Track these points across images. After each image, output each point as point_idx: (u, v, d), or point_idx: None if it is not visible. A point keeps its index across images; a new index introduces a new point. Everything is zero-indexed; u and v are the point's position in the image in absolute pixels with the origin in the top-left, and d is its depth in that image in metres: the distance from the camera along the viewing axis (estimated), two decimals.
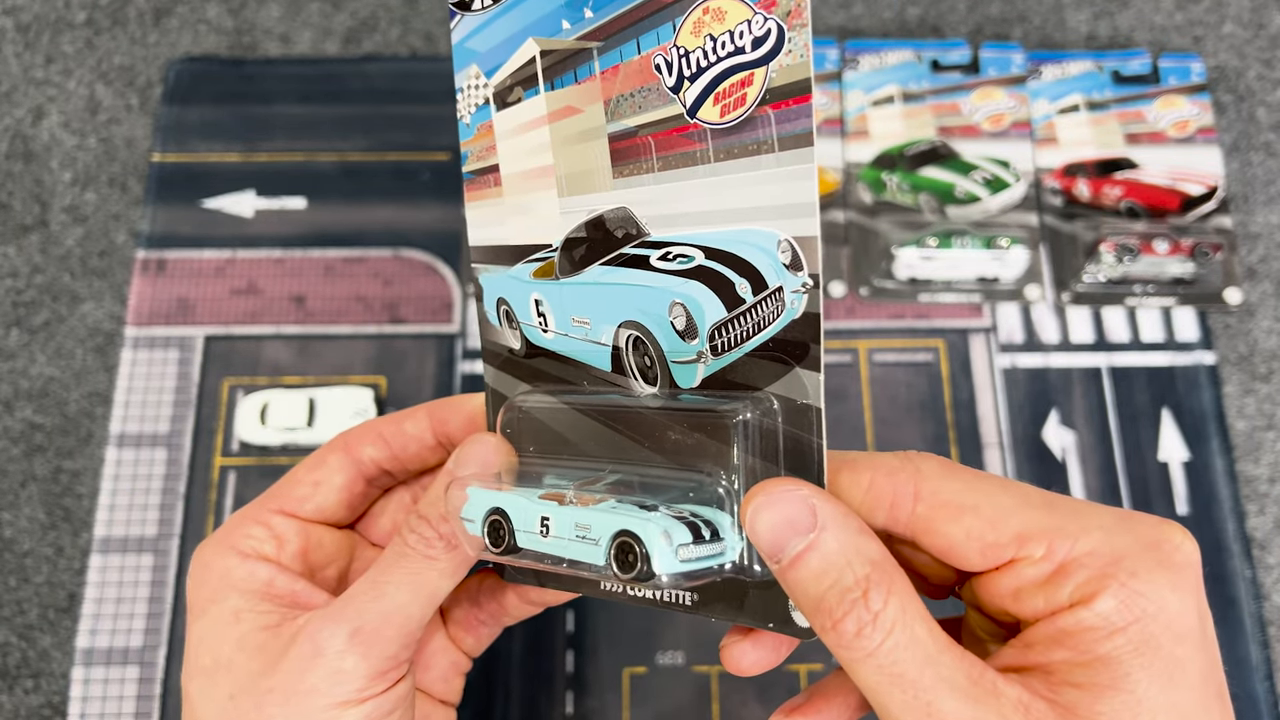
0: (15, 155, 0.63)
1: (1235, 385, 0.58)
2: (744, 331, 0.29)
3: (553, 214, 0.31)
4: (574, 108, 0.30)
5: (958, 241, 0.59)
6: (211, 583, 0.33)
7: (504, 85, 0.31)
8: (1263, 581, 0.54)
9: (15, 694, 0.52)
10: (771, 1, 0.26)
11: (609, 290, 0.30)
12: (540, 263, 0.32)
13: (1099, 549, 0.24)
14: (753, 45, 0.26)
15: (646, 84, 0.28)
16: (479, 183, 0.32)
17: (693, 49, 0.27)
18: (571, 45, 0.29)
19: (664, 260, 0.29)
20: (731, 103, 0.27)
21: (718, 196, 0.28)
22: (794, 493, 0.26)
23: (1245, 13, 0.68)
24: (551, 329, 0.32)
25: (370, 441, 0.35)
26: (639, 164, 0.29)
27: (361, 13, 0.67)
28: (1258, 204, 0.63)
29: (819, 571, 0.25)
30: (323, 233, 0.61)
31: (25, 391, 0.58)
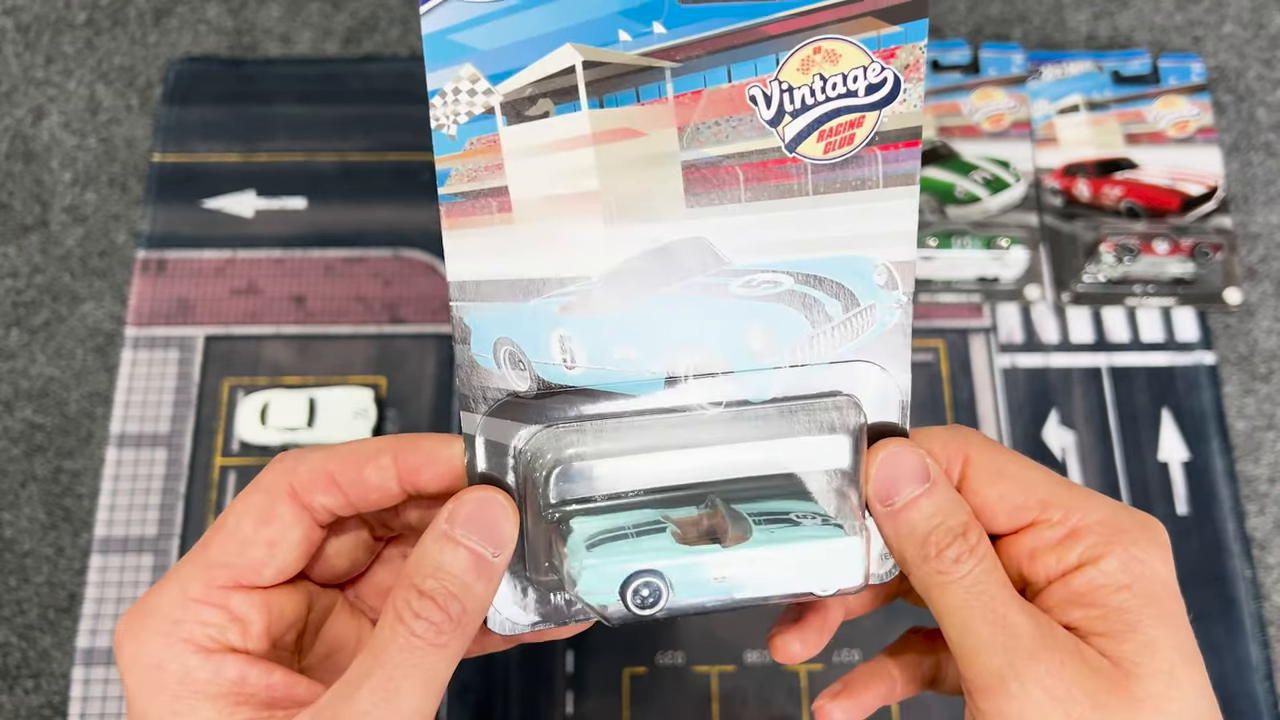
0: (15, 155, 0.63)
1: (1235, 385, 0.58)
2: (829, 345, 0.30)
3: (593, 244, 0.28)
4: (634, 130, 0.28)
5: (957, 241, 0.59)
6: (169, 688, 0.27)
7: (522, 95, 0.27)
8: (1263, 581, 0.54)
9: (15, 694, 0.53)
10: (890, 53, 0.27)
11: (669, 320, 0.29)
12: (571, 296, 0.29)
13: (1106, 521, 0.29)
14: (867, 90, 0.27)
15: (737, 114, 0.27)
16: (470, 208, 0.28)
17: (798, 85, 0.27)
18: (634, 61, 0.27)
19: (746, 287, 0.29)
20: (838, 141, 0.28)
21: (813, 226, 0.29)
22: (914, 450, 0.30)
23: (1245, 13, 0.68)
24: (581, 365, 0.29)
25: (322, 489, 0.30)
26: (722, 194, 0.28)
27: (361, 13, 0.67)
28: (1258, 204, 0.63)
29: (930, 513, 0.29)
30: (323, 233, 0.61)
31: (25, 391, 0.58)
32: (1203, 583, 0.54)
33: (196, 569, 0.29)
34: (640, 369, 0.29)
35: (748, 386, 0.30)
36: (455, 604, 0.27)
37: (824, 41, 0.27)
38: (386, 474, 0.30)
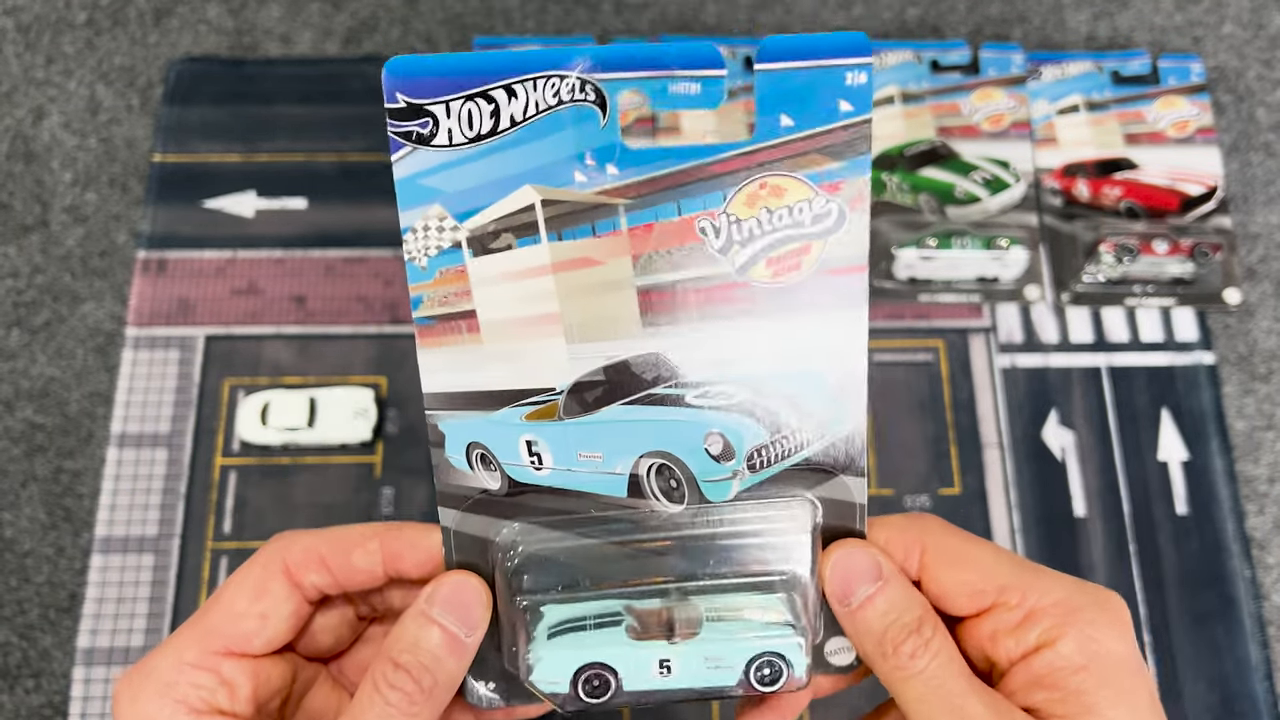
0: (16, 155, 0.64)
1: (1235, 385, 0.58)
2: (784, 450, 0.32)
3: (556, 360, 0.31)
4: (591, 259, 0.30)
5: (957, 242, 0.60)
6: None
7: (487, 231, 0.30)
8: (1262, 581, 0.54)
9: (16, 694, 0.53)
10: (835, 186, 0.29)
11: (631, 426, 0.31)
12: (536, 406, 0.32)
13: (1061, 601, 0.30)
14: (812, 220, 0.29)
15: (688, 243, 0.30)
16: (442, 329, 0.31)
17: (745, 218, 0.29)
18: (590, 199, 0.29)
19: (701, 398, 0.31)
20: (786, 267, 0.30)
21: (765, 342, 0.31)
22: (866, 550, 0.32)
23: (1245, 13, 0.68)
24: (548, 466, 0.32)
25: (314, 569, 0.32)
26: (675, 315, 0.30)
27: (362, 13, 0.67)
28: (1257, 204, 0.63)
29: (884, 610, 0.31)
30: (323, 233, 0.61)
31: (26, 392, 0.58)
32: (1202, 583, 0.54)
33: (193, 636, 0.31)
34: (604, 470, 0.32)
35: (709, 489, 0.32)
36: (428, 677, 0.30)
37: (769, 178, 0.29)
38: (373, 559, 0.33)
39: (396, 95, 0.29)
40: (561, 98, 0.29)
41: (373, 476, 0.56)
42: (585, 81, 0.29)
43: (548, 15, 0.67)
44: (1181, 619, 0.53)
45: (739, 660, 0.31)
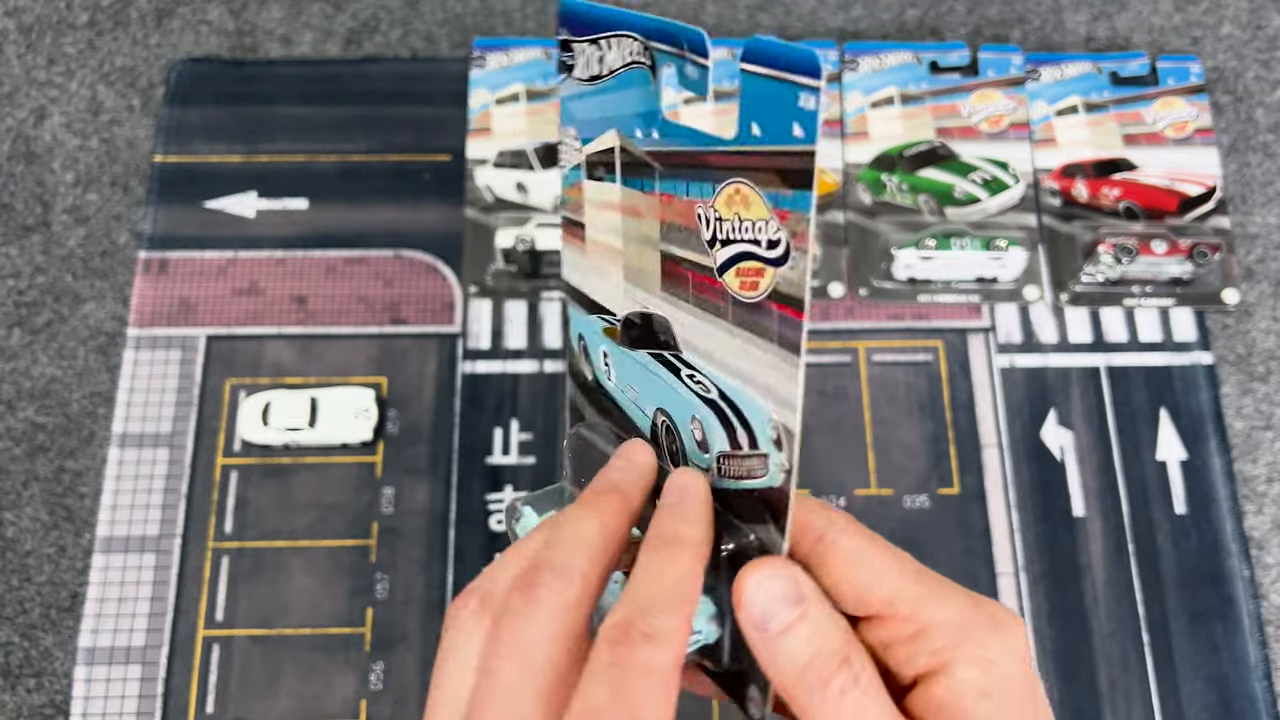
0: (17, 156, 0.64)
1: (1233, 385, 0.59)
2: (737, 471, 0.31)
3: (618, 290, 0.34)
4: (639, 211, 0.32)
5: (956, 242, 0.60)
6: None
7: (593, 160, 0.33)
8: (1260, 581, 0.55)
9: (18, 693, 0.53)
10: (785, 214, 0.27)
11: (652, 377, 0.33)
12: (607, 324, 0.35)
13: (953, 620, 0.29)
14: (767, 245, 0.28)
15: (689, 225, 0.30)
16: (571, 230, 0.35)
17: (726, 218, 0.29)
18: (640, 155, 0.31)
19: (690, 380, 0.32)
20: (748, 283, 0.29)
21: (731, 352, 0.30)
22: (785, 570, 0.29)
23: (1243, 14, 0.68)
24: (614, 379, 0.35)
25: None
26: (679, 291, 0.32)
27: (362, 14, 0.67)
28: (1256, 205, 0.63)
29: (808, 638, 0.28)
30: (324, 233, 0.62)
31: (27, 392, 0.58)
32: (1201, 582, 0.54)
33: None
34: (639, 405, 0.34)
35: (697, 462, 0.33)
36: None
37: (742, 185, 0.28)
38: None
39: (561, 29, 0.33)
40: (630, 58, 0.31)
41: (374, 476, 0.56)
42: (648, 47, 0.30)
43: (548, 16, 0.67)
44: (1180, 618, 0.53)
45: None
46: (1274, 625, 0.54)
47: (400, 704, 0.52)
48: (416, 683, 0.52)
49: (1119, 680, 0.52)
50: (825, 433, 0.57)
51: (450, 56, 0.66)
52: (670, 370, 0.32)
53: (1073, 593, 0.54)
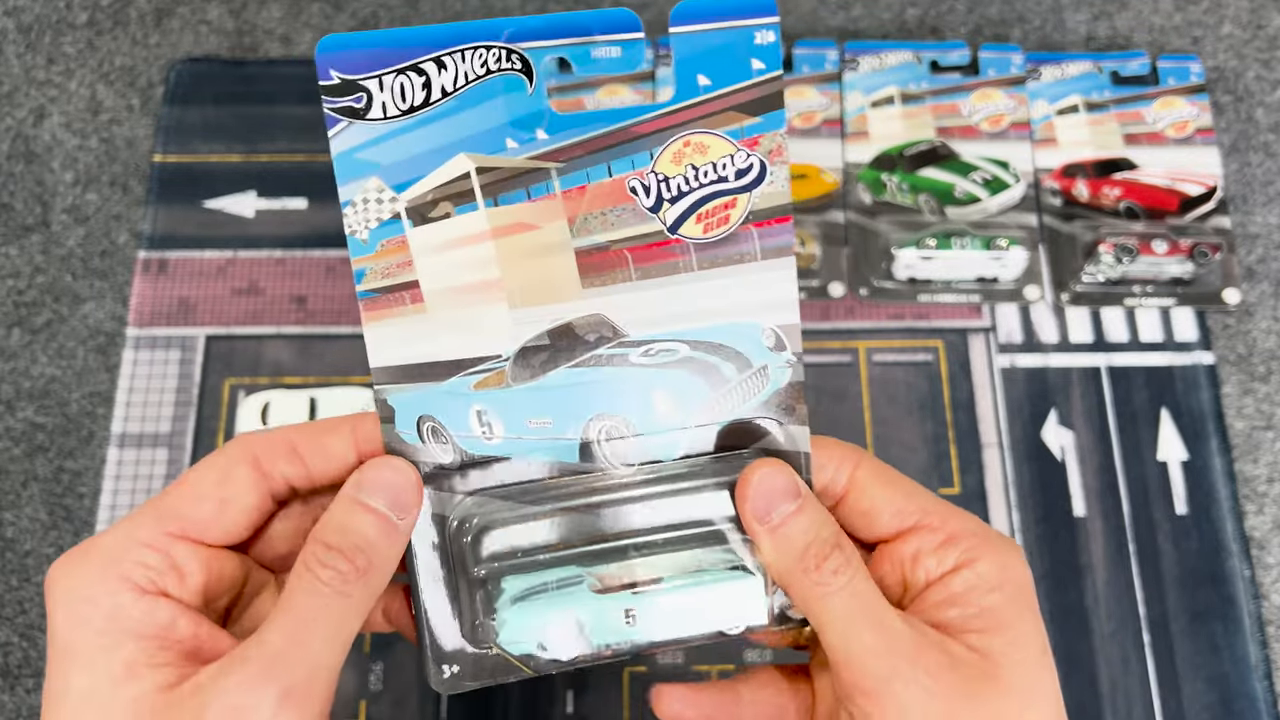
0: (17, 156, 0.64)
1: (1234, 385, 0.59)
2: (729, 406, 0.33)
3: (500, 326, 0.31)
4: (527, 224, 0.31)
5: (957, 242, 0.60)
6: (96, 622, 0.28)
7: (425, 200, 0.30)
8: (1261, 581, 0.55)
9: (17, 693, 0.53)
10: (754, 141, 0.30)
11: (578, 389, 0.32)
12: (484, 374, 0.32)
13: (975, 532, 0.32)
14: (736, 175, 0.31)
15: (620, 204, 0.31)
16: (385, 301, 0.31)
17: (673, 175, 0.31)
18: (523, 164, 0.30)
19: (645, 356, 0.32)
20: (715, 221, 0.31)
21: (701, 298, 0.32)
22: (784, 468, 0.32)
23: (1244, 14, 0.68)
24: (499, 435, 0.32)
25: (284, 458, 0.31)
26: (614, 274, 0.31)
27: (362, 14, 0.67)
28: (1256, 204, 0.63)
29: (805, 527, 0.31)
30: (324, 233, 0.62)
31: (27, 392, 0.58)
32: (1201, 582, 0.54)
33: (148, 515, 0.30)
34: (555, 435, 0.32)
35: (657, 447, 0.33)
36: (361, 557, 0.29)
37: (693, 135, 0.30)
38: (345, 442, 0.32)
39: (330, 72, 0.30)
40: (490, 67, 0.29)
41: None
42: (511, 51, 0.29)
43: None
44: (1180, 618, 0.53)
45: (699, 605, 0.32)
46: (1274, 625, 0.54)
47: (400, 704, 0.52)
48: (416, 683, 0.52)
49: (1119, 680, 0.52)
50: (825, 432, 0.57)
51: None
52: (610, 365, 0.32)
53: (1073, 593, 0.54)
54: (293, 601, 0.28)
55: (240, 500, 0.31)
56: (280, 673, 0.27)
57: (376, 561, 0.29)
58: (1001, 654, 0.30)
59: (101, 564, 0.28)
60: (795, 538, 0.31)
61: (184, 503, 0.30)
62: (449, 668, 0.33)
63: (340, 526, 0.29)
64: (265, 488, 0.31)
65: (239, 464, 0.31)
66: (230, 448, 0.31)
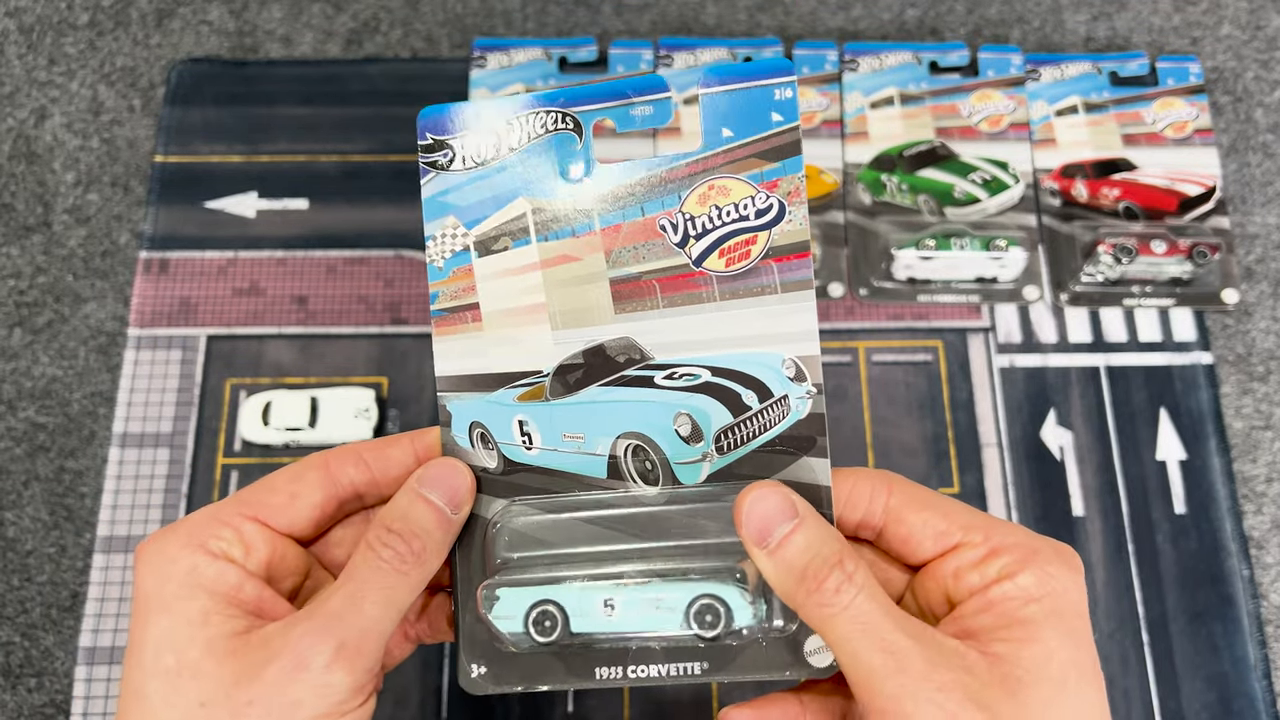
0: (18, 156, 0.64)
1: (1232, 385, 0.59)
2: (749, 433, 0.35)
3: (543, 345, 0.36)
4: (571, 256, 0.35)
5: (956, 242, 0.60)
6: (176, 578, 0.32)
7: (489, 235, 0.36)
8: (1260, 580, 0.55)
9: (18, 693, 0.53)
10: (774, 184, 0.34)
11: (608, 407, 0.35)
12: (526, 388, 0.36)
13: (1022, 543, 0.32)
14: (756, 214, 0.34)
15: (651, 239, 0.35)
16: (452, 319, 0.36)
17: (698, 215, 0.34)
18: (569, 206, 0.35)
19: (669, 379, 0.35)
20: (736, 256, 0.34)
21: (724, 327, 0.35)
22: (779, 489, 0.32)
23: (1243, 14, 0.68)
24: (537, 446, 0.36)
25: (351, 464, 0.35)
26: (643, 302, 0.35)
27: (363, 14, 0.68)
28: (1255, 205, 0.63)
29: (804, 546, 0.31)
30: (324, 233, 0.62)
31: (28, 391, 0.58)
32: (1200, 582, 0.54)
33: (229, 501, 0.34)
34: (586, 450, 0.35)
35: (680, 469, 0.35)
36: (417, 542, 0.33)
37: (716, 180, 0.34)
38: (405, 450, 0.36)
39: (426, 134, 0.36)
40: (548, 127, 0.35)
41: None
42: (565, 114, 0.35)
43: (548, 16, 0.67)
44: (1179, 617, 0.54)
45: (680, 602, 0.33)
46: (1273, 625, 0.54)
47: (400, 704, 0.52)
48: (416, 683, 0.52)
49: (1119, 680, 0.53)
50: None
51: (450, 57, 0.66)
52: (637, 386, 0.35)
53: None
54: (354, 573, 0.32)
55: (307, 496, 0.35)
56: (337, 630, 0.31)
57: (430, 547, 0.33)
58: (1030, 667, 0.29)
59: (184, 535, 0.33)
60: (794, 558, 0.31)
61: (259, 493, 0.35)
62: (478, 667, 0.35)
63: (402, 514, 0.33)
64: (331, 489, 0.35)
65: (311, 467, 0.35)
66: (307, 457, 0.36)
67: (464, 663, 0.35)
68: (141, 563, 0.33)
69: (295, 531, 0.35)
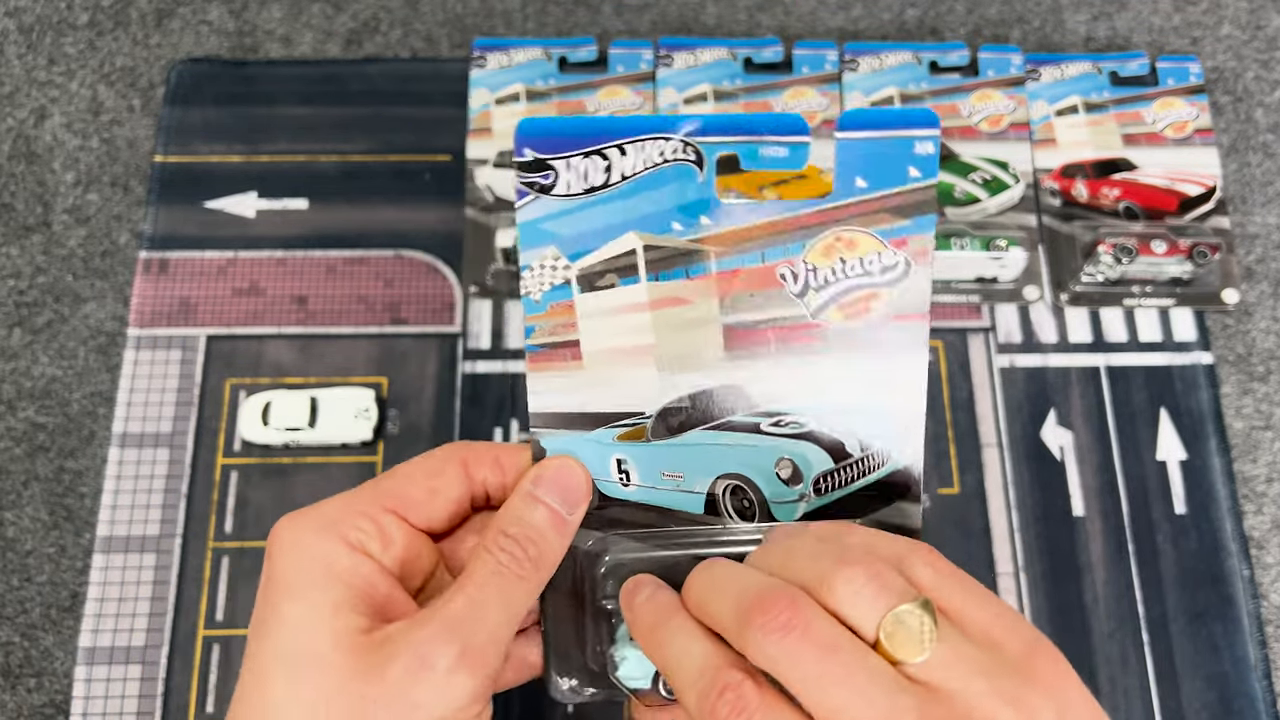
0: (18, 156, 0.64)
1: (1233, 385, 0.59)
2: (848, 478, 0.34)
3: (648, 388, 0.35)
4: (682, 299, 0.34)
5: (956, 242, 0.60)
6: (311, 566, 0.32)
7: (594, 270, 0.34)
8: (1260, 580, 0.55)
9: (18, 693, 0.53)
10: (903, 241, 0.33)
11: (710, 450, 0.35)
12: (628, 428, 0.35)
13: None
14: (881, 271, 0.33)
15: (769, 288, 0.34)
16: (549, 355, 0.35)
17: (822, 265, 0.33)
18: (685, 246, 0.33)
19: (775, 426, 0.34)
20: (856, 311, 0.33)
21: (836, 379, 0.34)
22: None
23: (1243, 14, 0.68)
24: (634, 482, 0.35)
25: (488, 465, 0.35)
26: (755, 350, 0.34)
27: (363, 14, 0.68)
28: (1255, 205, 0.63)
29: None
30: (324, 233, 0.62)
31: (28, 392, 0.58)
32: (1200, 582, 0.54)
33: (367, 490, 0.34)
34: (684, 488, 0.35)
35: (778, 509, 0.35)
36: (534, 548, 0.33)
37: (844, 231, 0.33)
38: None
39: (525, 150, 0.33)
40: (666, 156, 0.33)
41: (374, 476, 0.56)
42: (688, 144, 0.32)
43: (548, 16, 0.67)
44: (1180, 618, 0.54)
45: None
46: (1274, 625, 0.54)
47: None
48: None
49: (1119, 680, 0.52)
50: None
51: (450, 56, 0.66)
52: (742, 431, 0.35)
53: (1072, 592, 0.54)
54: (474, 577, 0.32)
55: (446, 492, 0.34)
56: (461, 634, 0.31)
57: (546, 551, 0.33)
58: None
59: (321, 523, 0.32)
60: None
61: (399, 484, 0.34)
62: (567, 680, 0.36)
63: (517, 517, 0.33)
64: (468, 488, 0.35)
65: (451, 462, 0.35)
66: (445, 449, 0.35)
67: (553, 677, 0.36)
68: (275, 544, 0.32)
69: (431, 528, 0.35)
